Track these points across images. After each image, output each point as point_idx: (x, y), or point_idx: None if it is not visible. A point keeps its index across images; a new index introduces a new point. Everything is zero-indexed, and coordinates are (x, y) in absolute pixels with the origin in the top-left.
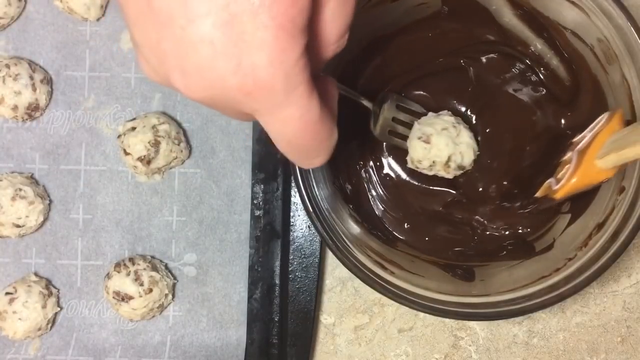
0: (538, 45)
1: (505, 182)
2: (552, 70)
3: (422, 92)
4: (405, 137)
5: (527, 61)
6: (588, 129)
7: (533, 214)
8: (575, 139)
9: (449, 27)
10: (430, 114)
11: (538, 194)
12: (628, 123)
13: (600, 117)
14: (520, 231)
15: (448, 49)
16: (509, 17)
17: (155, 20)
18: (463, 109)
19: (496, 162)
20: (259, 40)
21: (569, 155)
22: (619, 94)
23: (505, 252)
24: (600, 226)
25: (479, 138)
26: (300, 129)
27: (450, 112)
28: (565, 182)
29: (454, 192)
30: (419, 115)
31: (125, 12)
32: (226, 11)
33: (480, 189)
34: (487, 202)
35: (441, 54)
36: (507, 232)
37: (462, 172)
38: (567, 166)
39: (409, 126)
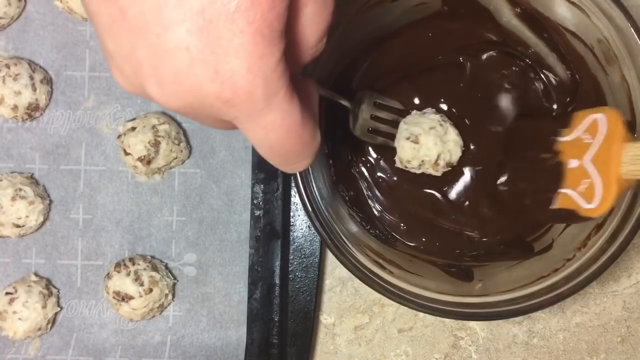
0: (538, 45)
1: (497, 184)
2: (552, 71)
3: (417, 90)
4: (387, 135)
5: (527, 61)
6: (577, 129)
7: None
8: (564, 139)
9: (449, 27)
10: (414, 112)
11: (557, 206)
12: (628, 124)
13: (592, 117)
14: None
15: (447, 48)
16: (508, 17)
17: (129, 28)
18: (457, 107)
19: (489, 163)
20: (236, 46)
21: (575, 164)
22: (619, 95)
23: (504, 253)
24: (599, 227)
25: (474, 138)
26: (283, 134)
27: (434, 110)
28: (603, 201)
29: (445, 200)
30: (399, 112)
31: (96, 22)
32: (201, 17)
33: (472, 196)
34: (479, 208)
35: (440, 53)
36: (504, 234)
37: (450, 169)
38: (583, 180)
39: (391, 123)
